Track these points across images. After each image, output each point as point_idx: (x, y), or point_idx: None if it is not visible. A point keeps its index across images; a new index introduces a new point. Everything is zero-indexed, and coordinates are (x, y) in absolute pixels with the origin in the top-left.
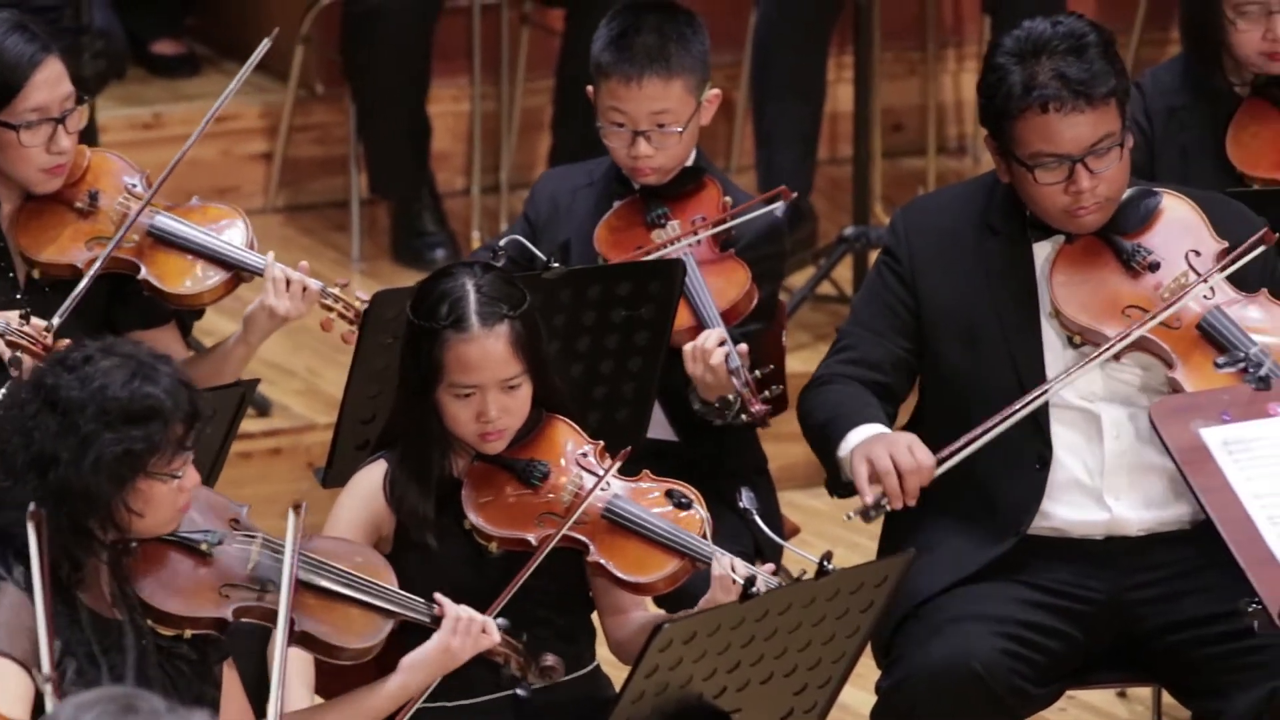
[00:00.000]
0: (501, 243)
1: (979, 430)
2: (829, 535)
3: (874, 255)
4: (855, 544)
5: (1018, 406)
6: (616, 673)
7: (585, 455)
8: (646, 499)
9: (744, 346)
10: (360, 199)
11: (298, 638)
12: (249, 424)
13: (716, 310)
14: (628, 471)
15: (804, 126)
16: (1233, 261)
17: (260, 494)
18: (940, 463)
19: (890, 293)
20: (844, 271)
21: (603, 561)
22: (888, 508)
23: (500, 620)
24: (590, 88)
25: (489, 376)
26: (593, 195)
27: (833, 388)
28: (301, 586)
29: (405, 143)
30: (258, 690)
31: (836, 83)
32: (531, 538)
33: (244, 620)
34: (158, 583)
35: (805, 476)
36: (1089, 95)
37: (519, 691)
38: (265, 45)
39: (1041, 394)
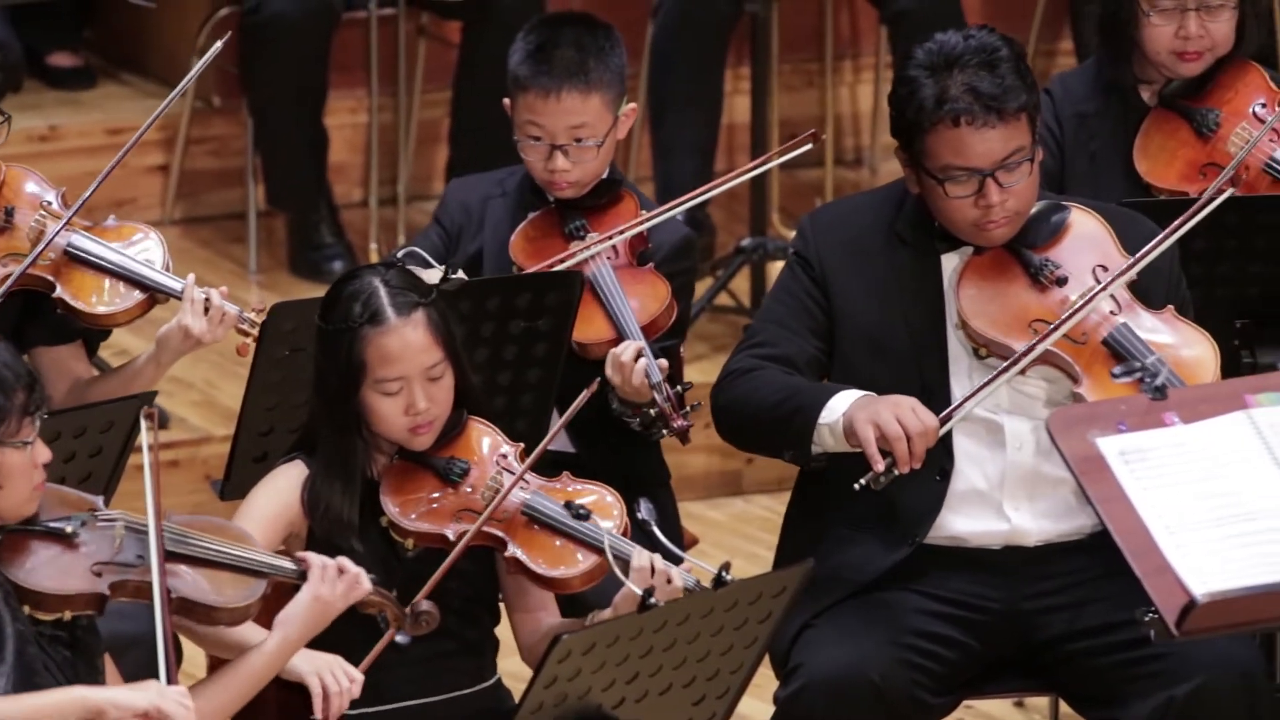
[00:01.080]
0: (400, 254)
1: (974, 389)
2: (727, 546)
3: (771, 266)
4: (753, 555)
5: (1006, 364)
6: (518, 685)
7: (505, 455)
8: (564, 499)
9: (664, 361)
10: (257, 211)
11: (176, 605)
12: None
13: (637, 324)
14: (548, 475)
15: (702, 137)
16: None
17: None
18: (943, 423)
19: (804, 292)
20: (741, 283)
21: (520, 556)
22: (896, 473)
23: (371, 575)
24: (507, 100)
25: (413, 366)
26: (506, 206)
27: (764, 372)
28: (172, 557)
29: (302, 155)
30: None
31: (733, 94)
32: (449, 533)
33: (121, 599)
34: (28, 568)
35: (704, 487)
36: (1000, 110)
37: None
38: (217, 48)
39: (1030, 350)
